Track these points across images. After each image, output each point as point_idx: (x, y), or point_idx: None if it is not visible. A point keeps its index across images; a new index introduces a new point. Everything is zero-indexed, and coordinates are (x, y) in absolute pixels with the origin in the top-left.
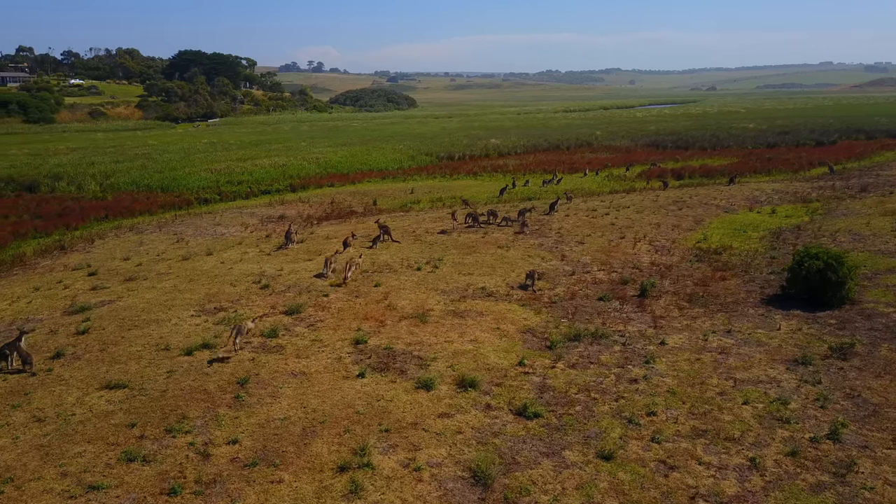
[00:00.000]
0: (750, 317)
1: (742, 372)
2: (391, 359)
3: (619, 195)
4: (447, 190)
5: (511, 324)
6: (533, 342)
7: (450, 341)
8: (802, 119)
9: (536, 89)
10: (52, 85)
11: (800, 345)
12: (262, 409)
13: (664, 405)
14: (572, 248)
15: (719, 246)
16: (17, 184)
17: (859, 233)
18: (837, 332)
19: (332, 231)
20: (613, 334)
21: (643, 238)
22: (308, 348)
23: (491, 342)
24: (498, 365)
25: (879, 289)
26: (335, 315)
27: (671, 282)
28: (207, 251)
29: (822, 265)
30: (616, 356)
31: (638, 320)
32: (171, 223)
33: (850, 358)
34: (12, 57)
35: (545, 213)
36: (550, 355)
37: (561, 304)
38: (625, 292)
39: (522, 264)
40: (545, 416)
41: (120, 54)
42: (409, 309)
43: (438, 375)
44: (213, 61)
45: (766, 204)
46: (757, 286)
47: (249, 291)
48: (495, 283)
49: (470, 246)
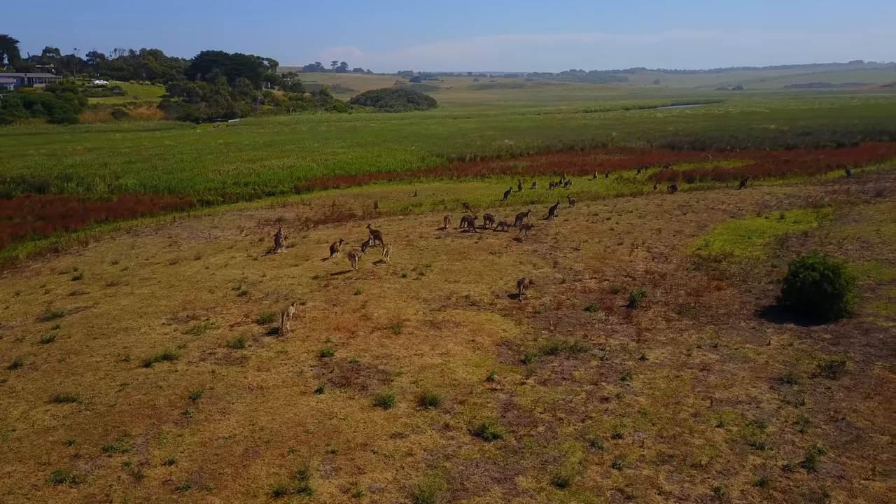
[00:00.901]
0: (740, 330)
1: (721, 391)
2: (354, 373)
3: (624, 199)
4: (452, 192)
5: (487, 336)
6: (507, 356)
7: (420, 354)
8: (826, 120)
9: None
10: (76, 86)
11: (788, 361)
12: (208, 426)
13: (632, 427)
14: (566, 255)
15: (720, 253)
16: (28, 184)
17: (868, 240)
18: (830, 348)
19: (326, 235)
20: (593, 348)
21: (641, 244)
22: (272, 361)
23: (463, 356)
24: (465, 381)
25: (881, 301)
26: (307, 325)
27: (663, 291)
28: (196, 255)
29: (817, 276)
30: (591, 372)
31: (622, 333)
32: (168, 226)
33: (839, 376)
34: (39, 58)
35: (544, 218)
36: (523, 370)
37: (545, 314)
38: (613, 302)
39: (512, 271)
40: (504, 437)
41: (143, 55)
42: (384, 319)
43: (400, 392)
44: (235, 62)
45: (776, 209)
46: (753, 297)
47: (226, 299)
48: (480, 292)
49: (461, 252)
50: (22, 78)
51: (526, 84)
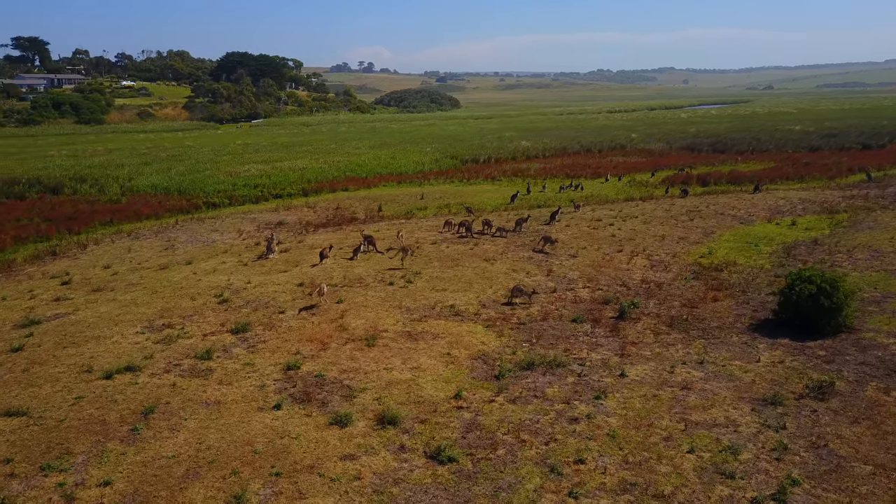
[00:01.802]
0: (731, 345)
1: (699, 412)
2: (318, 388)
3: (632, 203)
4: (460, 195)
5: (464, 349)
6: (481, 370)
7: (389, 368)
8: (855, 121)
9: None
10: (104, 87)
11: (776, 380)
12: (154, 444)
13: (598, 451)
14: (562, 262)
15: (723, 261)
16: (43, 185)
17: (880, 249)
18: (824, 367)
19: (323, 239)
20: (573, 363)
21: (642, 252)
22: (236, 373)
23: (434, 370)
24: (431, 398)
25: (885, 315)
26: (281, 335)
27: (657, 302)
28: (188, 260)
29: (814, 289)
30: (566, 389)
31: (606, 346)
32: (170, 229)
33: (828, 398)
34: (69, 59)
35: (545, 223)
36: (494, 386)
37: (530, 325)
38: (602, 313)
39: (504, 279)
40: (460, 460)
41: (170, 56)
42: (360, 330)
43: (360, 409)
44: (259, 63)
45: (788, 214)
46: (749, 309)
47: (206, 306)
48: (467, 301)
49: (454, 258)
50: (52, 79)
51: (552, 84)
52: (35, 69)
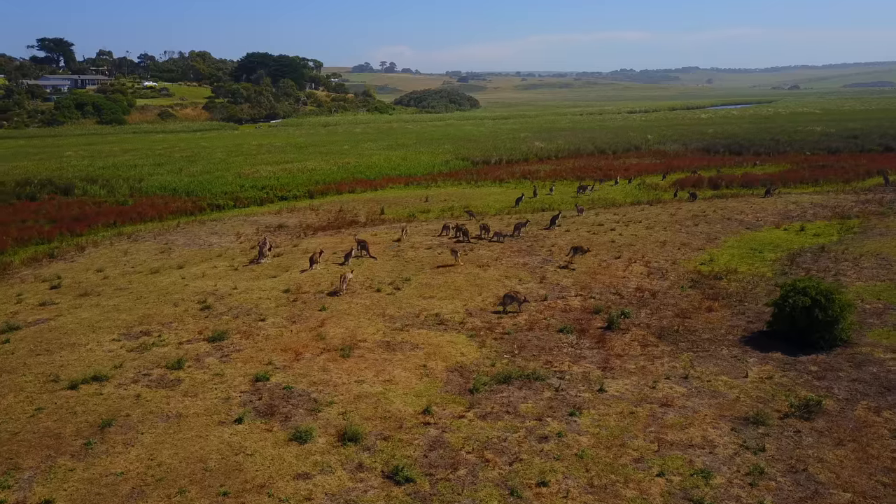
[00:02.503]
0: (720, 359)
1: (676, 432)
2: (284, 401)
3: (638, 207)
4: (465, 198)
5: (442, 360)
6: (456, 384)
7: (360, 381)
8: (879, 121)
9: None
10: (126, 87)
11: (762, 398)
12: (105, 460)
13: (563, 473)
14: (557, 269)
15: (723, 269)
16: (55, 186)
17: (888, 257)
18: (814, 383)
19: (320, 243)
20: (552, 376)
21: (640, 258)
22: (204, 384)
23: (407, 383)
24: (399, 413)
25: (885, 328)
26: (257, 344)
27: (649, 312)
28: (180, 264)
29: (808, 302)
30: (541, 405)
31: (590, 359)
32: (170, 231)
33: (814, 418)
34: (93, 60)
35: (545, 228)
36: (467, 401)
37: (515, 335)
38: (591, 323)
39: (495, 286)
40: (418, 481)
41: (192, 57)
42: (338, 340)
43: (323, 425)
44: (279, 63)
45: (798, 219)
46: (744, 320)
47: (187, 313)
48: (454, 309)
49: (447, 264)
50: (76, 80)
51: (574, 84)
52: (60, 70)
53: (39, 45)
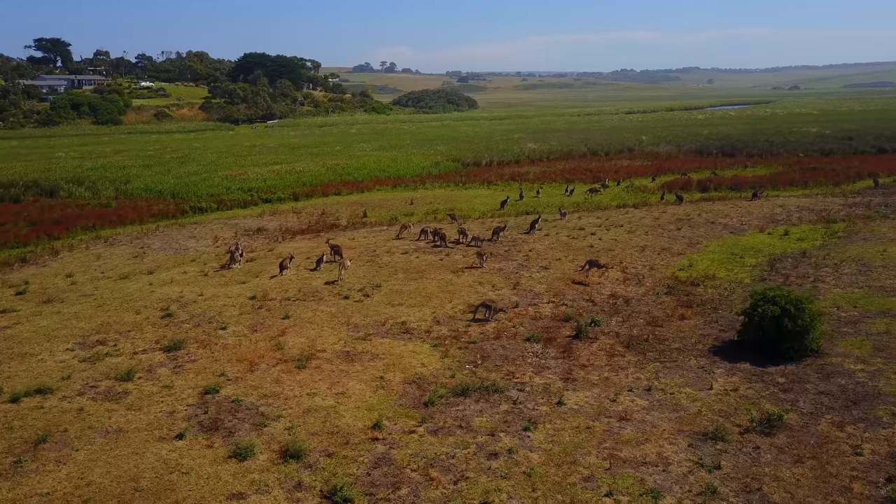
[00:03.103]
0: (686, 370)
1: (631, 448)
2: (230, 415)
3: (622, 210)
4: (451, 201)
5: (401, 371)
6: (412, 396)
7: (313, 394)
8: (876, 122)
9: (608, 89)
10: (122, 88)
11: (724, 411)
12: (33, 479)
13: (508, 493)
14: (532, 275)
15: (701, 275)
16: (40, 188)
17: (869, 263)
18: (780, 396)
19: (295, 248)
20: (512, 388)
21: (618, 264)
22: (151, 397)
23: (360, 396)
24: (347, 428)
25: (858, 338)
26: (213, 354)
27: (621, 320)
28: (150, 270)
29: (778, 311)
30: (496, 419)
31: (553, 369)
32: (148, 235)
33: (775, 433)
34: (90, 60)
35: (525, 233)
36: (420, 415)
37: (481, 344)
38: (560, 332)
39: (467, 293)
40: (356, 501)
41: (189, 57)
42: (297, 350)
43: (267, 440)
44: (277, 63)
45: (783, 223)
46: (717, 329)
47: (148, 321)
48: (421, 317)
49: (421, 270)
50: (72, 80)
51: (574, 84)
52: (57, 70)
53: (36, 45)
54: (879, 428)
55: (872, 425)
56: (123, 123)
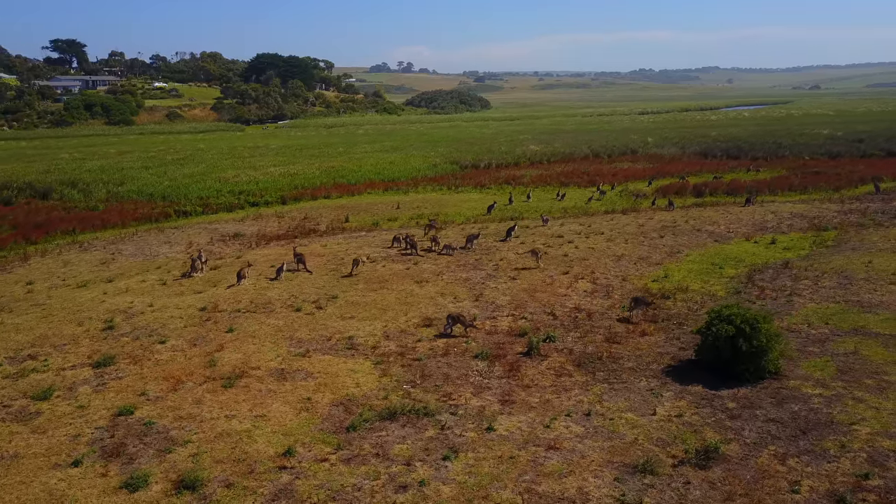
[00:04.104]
0: (634, 392)
1: (552, 482)
2: (137, 439)
3: (609, 216)
4: (439, 205)
5: (331, 392)
6: (336, 420)
7: (231, 416)
8: (890, 124)
9: (626, 89)
10: (136, 88)
11: (662, 440)
12: None
13: None
14: (498, 286)
15: (674, 287)
16: (34, 190)
17: (851, 275)
18: (726, 423)
19: (266, 255)
20: (445, 411)
21: (589, 274)
22: (61, 419)
23: (280, 420)
24: (256, 454)
25: (824, 358)
26: (141, 371)
27: (579, 335)
28: (111, 278)
29: (733, 331)
30: (417, 446)
31: (494, 390)
32: (125, 239)
33: (711, 466)
34: (105, 61)
35: (501, 240)
36: (338, 441)
37: (426, 361)
38: (512, 348)
39: (425, 306)
40: None
41: (203, 57)
42: (229, 367)
43: (167, 468)
44: (289, 64)
45: (772, 231)
46: (676, 347)
47: (87, 334)
48: (371, 331)
49: (384, 280)
50: (87, 81)
51: (591, 84)
52: (73, 71)
53: (53, 46)
54: (824, 462)
55: (817, 458)
56: (135, 124)
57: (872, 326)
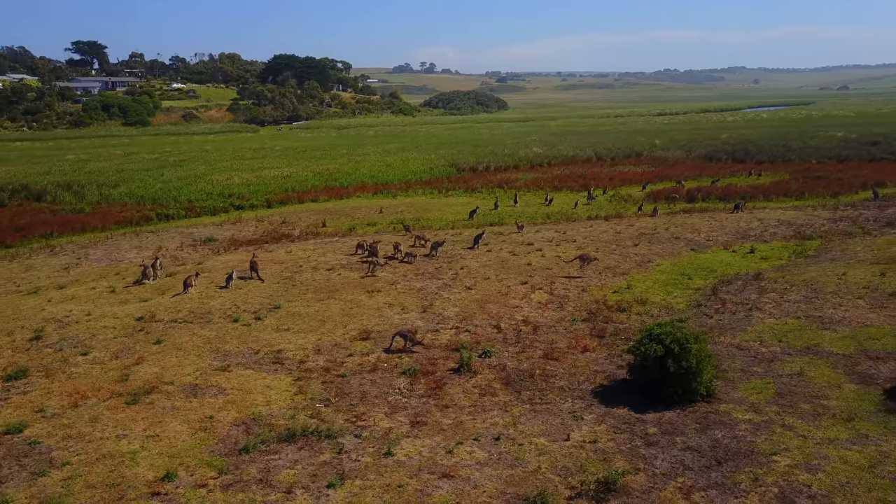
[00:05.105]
0: (554, 414)
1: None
2: (15, 460)
3: (588, 223)
4: (424, 209)
5: (237, 410)
6: (231, 441)
7: (122, 436)
8: None
9: (650, 90)
10: (154, 89)
11: (567, 469)
12: None
13: None
14: (451, 296)
15: (634, 299)
16: (29, 191)
17: (821, 288)
18: (640, 451)
19: (229, 261)
20: (349, 433)
21: (548, 285)
22: None
23: (172, 440)
24: (134, 479)
25: (765, 379)
26: (50, 385)
27: (518, 350)
28: (64, 284)
29: (662, 351)
30: (306, 472)
31: (409, 410)
32: (97, 244)
33: (609, 499)
34: (126, 62)
35: (468, 247)
36: (225, 465)
37: (350, 378)
38: (444, 364)
39: (368, 317)
40: None
41: (221, 58)
42: (141, 381)
43: (33, 494)
44: (305, 65)
45: (754, 239)
46: (614, 365)
47: (12, 345)
48: (303, 344)
49: (333, 289)
50: (106, 82)
51: (614, 84)
52: (94, 72)
53: (74, 47)
54: (731, 497)
55: (725, 493)
56: (151, 125)
57: (826, 345)
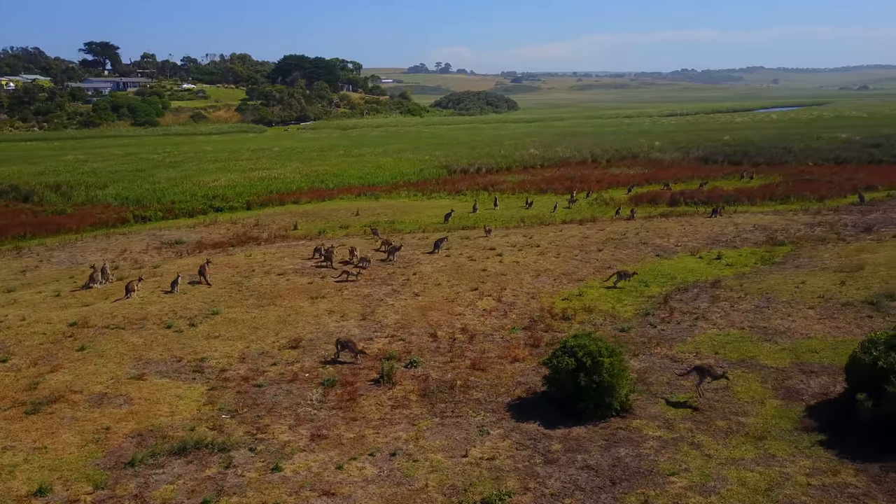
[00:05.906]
0: (463, 428)
1: None
2: None
3: (558, 227)
4: (402, 212)
5: (136, 421)
6: (122, 453)
7: (9, 448)
8: None
9: (666, 89)
10: (164, 89)
11: (455, 487)
12: None
13: None
14: (395, 303)
15: (582, 307)
16: (18, 192)
17: (775, 297)
18: (535, 469)
19: (187, 264)
20: (244, 446)
21: (498, 292)
22: None
23: (60, 452)
24: (7, 494)
25: (687, 394)
26: None
27: (446, 360)
28: (13, 288)
29: (574, 364)
30: (185, 487)
31: (315, 423)
32: (65, 246)
33: None
34: (138, 63)
35: (429, 252)
36: (104, 479)
37: (265, 388)
38: (366, 374)
39: (304, 325)
40: None
41: (232, 59)
42: (49, 390)
43: None
44: (315, 65)
45: (725, 245)
46: (539, 377)
47: None
48: (228, 352)
49: (278, 295)
50: (117, 82)
51: (630, 84)
52: (106, 73)
53: (87, 48)
54: None
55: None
56: (160, 125)
57: (762, 358)
